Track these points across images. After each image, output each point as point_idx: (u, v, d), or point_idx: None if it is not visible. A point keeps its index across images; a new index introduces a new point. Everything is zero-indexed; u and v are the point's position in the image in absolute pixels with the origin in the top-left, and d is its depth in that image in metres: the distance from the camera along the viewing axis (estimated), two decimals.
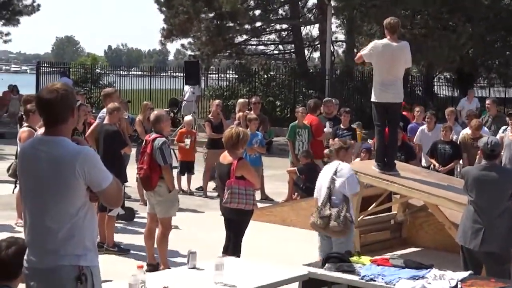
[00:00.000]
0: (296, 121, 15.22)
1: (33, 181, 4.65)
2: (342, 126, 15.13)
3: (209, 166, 15.44)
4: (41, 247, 4.61)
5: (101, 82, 35.58)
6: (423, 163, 14.53)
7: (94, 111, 18.78)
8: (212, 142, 15.48)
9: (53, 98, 4.58)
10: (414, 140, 14.92)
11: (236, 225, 9.07)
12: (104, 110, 11.98)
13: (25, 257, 4.70)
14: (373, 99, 10.77)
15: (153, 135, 9.60)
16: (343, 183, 8.85)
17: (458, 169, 13.95)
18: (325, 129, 15.15)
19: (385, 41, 10.65)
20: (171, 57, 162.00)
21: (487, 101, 16.68)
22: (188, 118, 17.04)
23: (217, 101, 17.03)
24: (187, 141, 15.38)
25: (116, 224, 11.20)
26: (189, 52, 36.75)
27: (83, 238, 4.62)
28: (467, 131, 14.24)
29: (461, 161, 13.90)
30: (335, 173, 8.93)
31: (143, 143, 9.89)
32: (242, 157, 9.27)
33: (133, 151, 12.73)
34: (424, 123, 15.12)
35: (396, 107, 10.90)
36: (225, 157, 9.05)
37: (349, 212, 8.83)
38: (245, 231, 9.16)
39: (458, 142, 14.08)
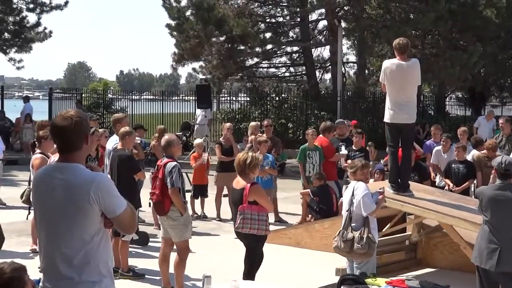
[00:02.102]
0: (307, 143, 15.20)
1: (47, 208, 4.65)
2: (354, 148, 15.10)
3: (220, 189, 15.45)
4: (56, 274, 4.59)
5: (113, 107, 35.68)
6: (437, 182, 14.50)
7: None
8: (222, 165, 15.47)
9: (67, 125, 4.59)
10: (431, 161, 14.91)
11: (250, 249, 9.03)
12: (113, 138, 11.90)
13: (41, 284, 4.70)
14: (386, 119, 10.75)
15: (164, 159, 9.60)
16: (358, 204, 8.85)
17: (473, 189, 13.89)
18: (341, 152, 15.07)
19: (395, 60, 10.63)
20: (182, 81, 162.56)
21: (501, 120, 16.61)
22: (198, 141, 17.04)
23: (228, 124, 17.04)
24: (205, 155, 15.43)
25: (130, 249, 11.19)
26: (200, 76, 36.85)
27: (98, 264, 4.61)
28: (476, 151, 14.18)
29: (475, 181, 13.84)
30: (352, 193, 8.93)
31: (156, 168, 9.88)
32: (255, 182, 9.21)
33: (149, 175, 12.74)
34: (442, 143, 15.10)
35: (409, 128, 10.87)
36: (238, 182, 9.02)
37: (371, 232, 8.79)
38: (259, 255, 9.12)
39: (471, 161, 14.02)
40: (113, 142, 11.65)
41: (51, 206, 4.61)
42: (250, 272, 8.93)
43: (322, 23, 35.63)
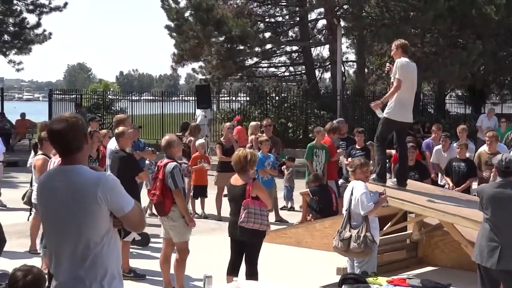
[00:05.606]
0: (314, 142, 15.17)
1: (55, 212, 4.60)
2: (357, 146, 15.13)
3: (221, 189, 15.43)
4: (67, 276, 4.57)
5: (113, 108, 35.66)
6: (439, 181, 14.48)
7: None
8: (222, 165, 15.45)
9: (64, 127, 4.56)
10: (431, 160, 14.90)
11: (251, 246, 9.03)
12: (115, 139, 11.84)
13: (52, 286, 4.69)
14: (392, 117, 10.67)
15: (165, 160, 9.59)
16: (357, 203, 8.87)
17: (474, 187, 13.84)
18: (339, 150, 15.12)
19: (409, 60, 10.69)
20: (182, 81, 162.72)
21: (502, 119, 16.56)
22: (200, 141, 17.04)
23: (228, 124, 17.05)
24: (205, 165, 15.50)
25: (131, 250, 11.19)
26: (200, 76, 36.81)
27: (108, 265, 4.59)
28: (484, 148, 14.09)
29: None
30: (352, 192, 8.96)
31: (156, 169, 9.86)
32: (256, 178, 9.26)
33: None
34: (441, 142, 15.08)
35: (407, 127, 11.12)
36: (237, 180, 9.05)
37: (370, 231, 8.79)
38: (259, 252, 9.11)
39: (473, 160, 13.99)
40: (114, 143, 11.61)
41: (59, 210, 4.57)
42: (252, 271, 8.90)
43: (322, 22, 35.68)
